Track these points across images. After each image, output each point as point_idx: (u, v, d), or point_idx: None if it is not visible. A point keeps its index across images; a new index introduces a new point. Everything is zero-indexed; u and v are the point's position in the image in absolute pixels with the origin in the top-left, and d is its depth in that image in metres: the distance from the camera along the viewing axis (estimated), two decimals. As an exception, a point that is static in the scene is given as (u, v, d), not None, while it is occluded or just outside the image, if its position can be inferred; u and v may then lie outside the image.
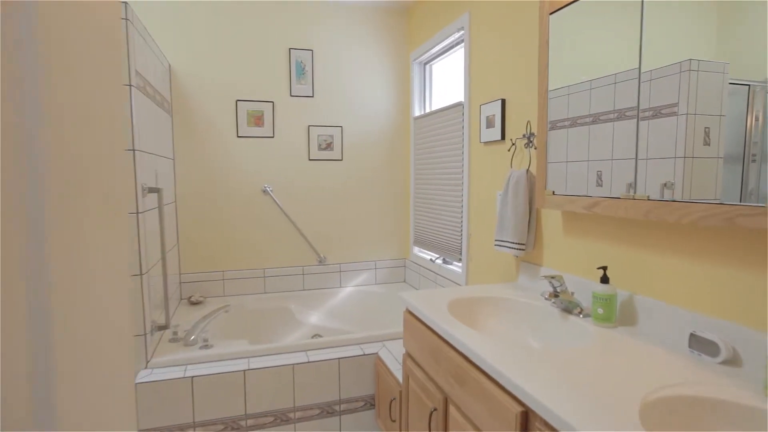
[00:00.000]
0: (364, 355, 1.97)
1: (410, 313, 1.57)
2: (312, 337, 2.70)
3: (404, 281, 3.07)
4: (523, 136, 1.72)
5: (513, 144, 1.79)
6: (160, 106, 2.23)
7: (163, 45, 2.50)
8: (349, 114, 2.87)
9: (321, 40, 2.77)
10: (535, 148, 1.66)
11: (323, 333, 2.73)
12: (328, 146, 2.84)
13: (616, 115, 1.24)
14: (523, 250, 1.67)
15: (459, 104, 2.25)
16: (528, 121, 1.71)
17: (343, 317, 2.83)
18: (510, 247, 1.70)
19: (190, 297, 2.57)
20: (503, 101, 1.87)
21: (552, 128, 1.46)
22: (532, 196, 1.68)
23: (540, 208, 1.55)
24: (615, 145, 1.25)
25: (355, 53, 2.84)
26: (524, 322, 1.47)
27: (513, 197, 1.68)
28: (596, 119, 1.30)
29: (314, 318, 2.78)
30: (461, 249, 2.27)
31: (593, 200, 1.29)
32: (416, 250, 2.92)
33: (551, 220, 1.61)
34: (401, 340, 2.10)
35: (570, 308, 1.37)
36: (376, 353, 1.98)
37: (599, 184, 1.29)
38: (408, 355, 1.59)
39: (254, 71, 2.67)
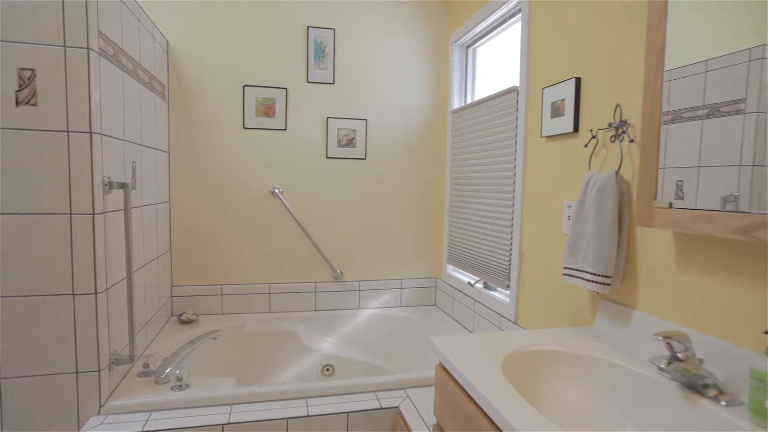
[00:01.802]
0: (381, 409, 1.51)
1: (444, 369, 1.10)
2: (321, 368, 2.26)
3: (434, 304, 2.60)
4: (610, 125, 1.23)
5: (593, 136, 1.31)
6: (148, 87, 1.85)
7: (160, 19, 2.14)
8: (375, 105, 2.43)
9: (344, 18, 2.36)
10: (632, 141, 1.17)
11: (335, 364, 2.29)
12: (350, 142, 2.42)
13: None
14: (607, 284, 1.17)
15: (512, 90, 1.77)
16: (618, 105, 1.22)
17: (361, 346, 2.38)
18: (588, 279, 1.20)
19: (181, 314, 2.18)
20: (578, 81, 1.39)
21: (674, 119, 0.96)
22: (624, 209, 1.19)
23: (641, 226, 1.05)
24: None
25: (383, 34, 2.41)
26: (620, 400, 0.97)
27: (595, 209, 1.19)
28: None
29: (326, 345, 2.34)
30: (509, 273, 1.79)
31: (755, 219, 0.79)
32: (450, 269, 2.44)
33: (655, 244, 1.11)
34: (431, 389, 1.63)
35: (696, 386, 0.87)
36: (397, 407, 1.52)
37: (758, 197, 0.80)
38: (439, 428, 1.12)
39: (265, 52, 2.28)
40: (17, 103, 1.28)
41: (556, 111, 1.49)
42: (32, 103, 1.29)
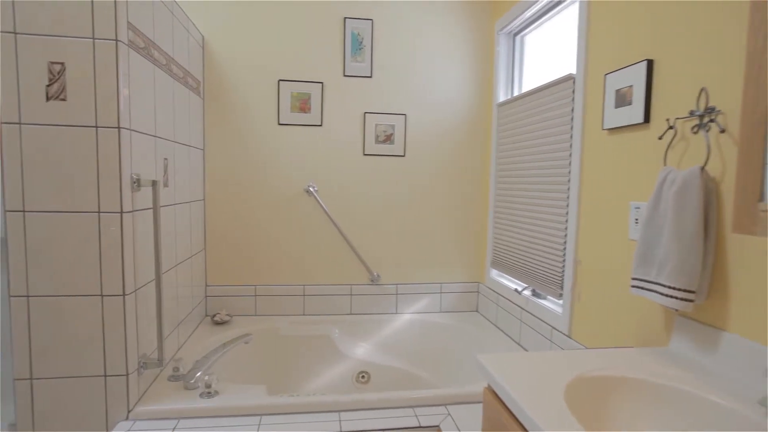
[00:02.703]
0: (420, 427, 1.38)
1: (493, 393, 0.96)
2: (357, 375, 2.16)
3: (476, 310, 2.44)
4: (692, 113, 1.05)
5: (670, 127, 1.12)
6: (182, 82, 1.81)
7: (196, 15, 2.10)
8: (415, 99, 2.30)
9: (382, 8, 2.24)
10: (723, 131, 0.99)
11: (371, 371, 2.18)
12: (388, 138, 2.30)
13: None
14: (690, 300, 1.00)
15: (568, 78, 1.60)
16: (703, 89, 1.04)
17: (398, 352, 2.26)
18: (665, 294, 1.03)
19: (215, 315, 2.14)
20: (650, 64, 1.21)
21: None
22: (711, 212, 1.00)
23: (740, 233, 0.87)
24: None
25: (423, 23, 2.28)
26: (712, 444, 0.80)
27: (674, 212, 1.02)
28: None
29: (361, 351, 2.24)
30: (562, 281, 1.62)
31: None
32: (494, 273, 2.28)
33: (754, 254, 0.92)
34: (475, 407, 1.48)
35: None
36: (437, 427, 1.39)
37: None
38: (487, 460, 0.99)
39: (301, 46, 2.20)
40: (47, 98, 1.25)
41: (622, 99, 1.31)
42: (62, 98, 1.25)
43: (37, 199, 1.26)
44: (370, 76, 2.26)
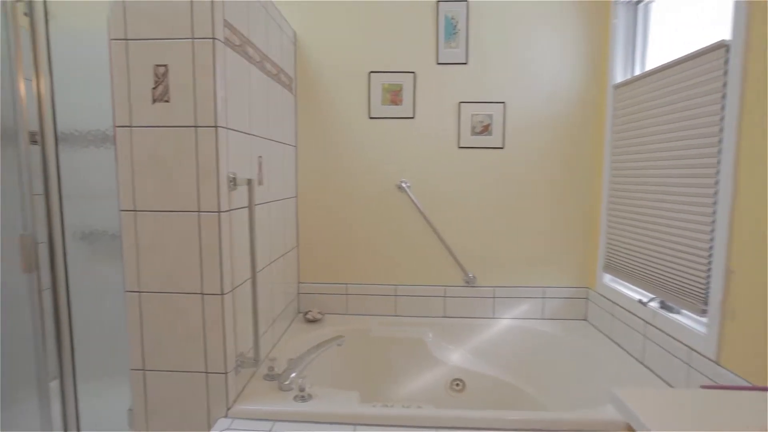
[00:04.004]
0: (529, 456, 1.22)
1: (638, 438, 0.78)
2: (451, 383, 2.03)
3: (585, 319, 2.18)
4: None
5: None
6: (275, 79, 1.80)
7: (287, 11, 2.09)
8: (515, 86, 2.09)
9: (481, -14, 2.06)
10: None
11: (466, 378, 2.04)
12: (485, 129, 2.12)
13: None
14: None
15: (718, 47, 1.30)
16: None
17: (496, 360, 2.09)
18: None
19: (307, 313, 2.13)
20: None
21: None
22: None
23: None
24: None
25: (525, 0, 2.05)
26: None
27: None
28: None
29: (456, 356, 2.11)
30: (706, 293, 1.33)
31: None
32: (607, 279, 2.00)
33: None
34: (592, 437, 1.28)
35: None
36: (550, 457, 1.21)
37: None
38: None
39: (392, 35, 2.09)
40: (153, 101, 1.28)
41: (805, 67, 1.02)
42: (165, 99, 1.27)
43: (145, 199, 1.30)
44: (466, 63, 2.09)
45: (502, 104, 2.10)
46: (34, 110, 1.38)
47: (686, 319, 1.47)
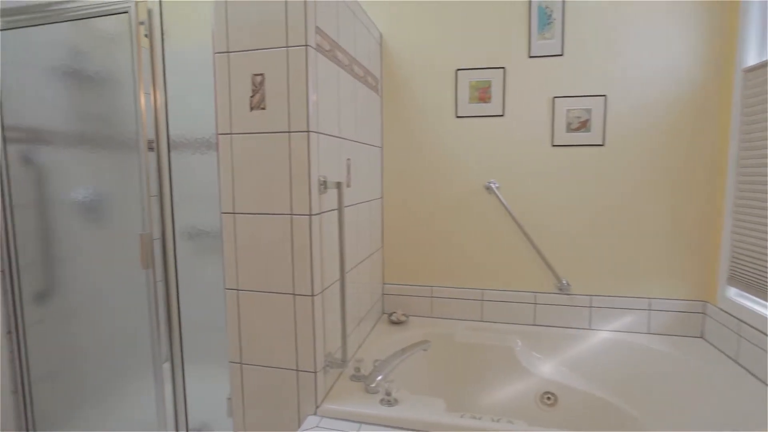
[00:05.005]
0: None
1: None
2: (541, 396, 1.91)
3: (701, 337, 1.93)
4: None
5: None
6: (362, 81, 1.82)
7: (373, 11, 2.10)
8: (619, 76, 1.90)
9: (580, -30, 1.90)
10: None
11: (558, 392, 1.90)
12: (583, 125, 1.96)
13: None
14: None
15: None
16: None
17: (593, 376, 1.92)
18: None
19: (392, 314, 2.13)
20: None
21: None
22: None
23: None
24: None
25: (635, -21, 1.85)
26: None
27: None
28: None
29: (547, 368, 1.98)
30: None
31: None
32: (732, 293, 1.75)
33: None
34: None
35: None
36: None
37: None
38: None
39: (480, 29, 2.01)
40: (251, 108, 1.34)
41: None
42: (262, 107, 1.33)
43: (243, 202, 1.37)
44: (561, 54, 1.95)
45: (602, 97, 1.92)
46: (151, 120, 1.53)
47: (842, 346, 1.23)
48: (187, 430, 1.65)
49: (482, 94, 2.04)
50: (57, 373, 1.82)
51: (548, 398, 1.92)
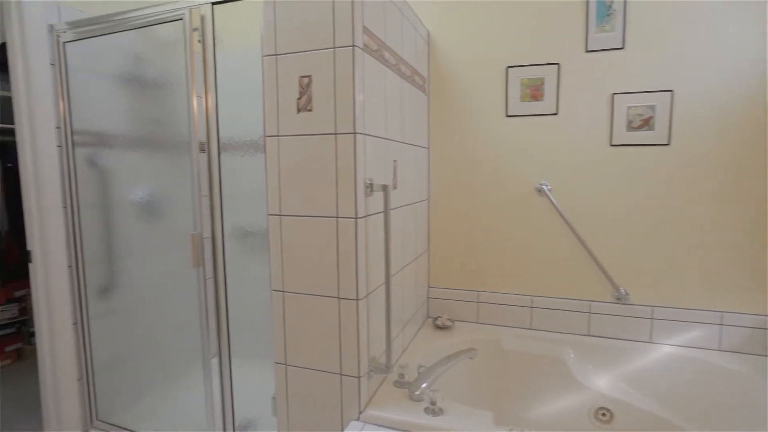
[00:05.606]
0: None
1: None
2: (595, 411, 1.80)
3: (780, 356, 1.74)
4: None
5: None
6: (409, 81, 1.78)
7: (421, 10, 2.06)
8: (686, 69, 1.76)
9: (645, -44, 1.77)
10: None
11: (614, 409, 1.79)
12: (645, 123, 1.82)
13: None
14: None
15: None
16: None
17: (654, 393, 1.79)
18: None
19: (437, 319, 2.09)
20: None
21: None
22: None
23: None
24: None
25: (708, -36, 1.70)
26: None
27: None
28: None
29: (602, 382, 1.86)
30: None
31: None
32: (820, 308, 1.57)
33: None
34: None
35: None
36: None
37: None
38: None
39: (533, 24, 1.92)
40: (298, 110, 1.34)
41: None
42: (308, 108, 1.32)
43: (290, 204, 1.38)
44: (622, 47, 1.82)
45: (669, 93, 1.78)
46: (203, 123, 1.57)
47: None
48: (233, 425, 1.69)
49: (534, 91, 1.94)
50: (116, 363, 1.92)
51: (603, 414, 1.80)
